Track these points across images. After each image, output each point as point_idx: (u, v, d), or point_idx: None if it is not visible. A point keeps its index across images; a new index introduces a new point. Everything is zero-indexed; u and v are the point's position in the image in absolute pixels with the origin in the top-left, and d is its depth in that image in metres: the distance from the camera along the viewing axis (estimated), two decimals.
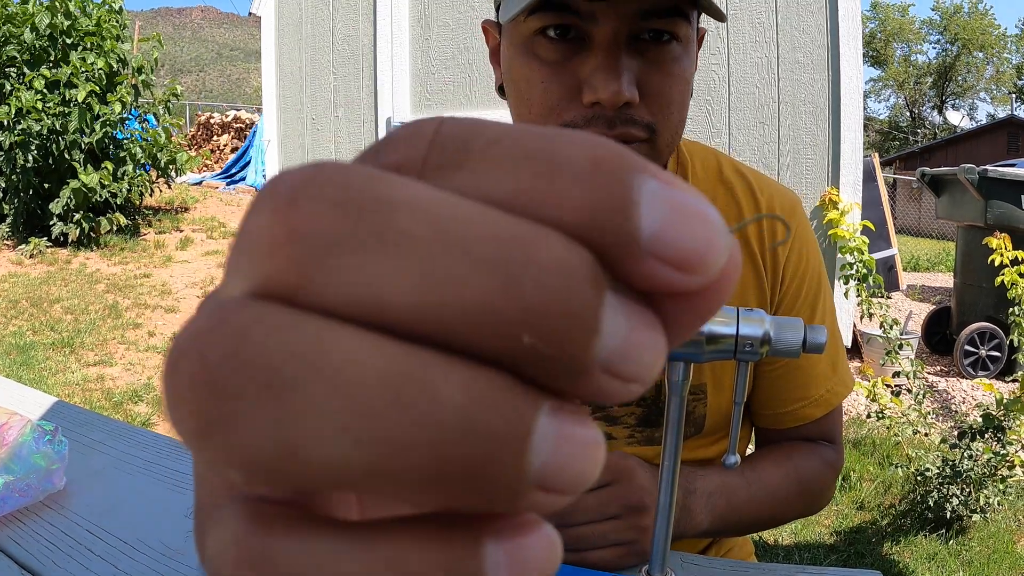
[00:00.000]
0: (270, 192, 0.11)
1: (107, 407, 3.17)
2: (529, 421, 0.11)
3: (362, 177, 0.11)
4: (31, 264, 5.47)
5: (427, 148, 0.12)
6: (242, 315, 0.11)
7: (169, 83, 6.41)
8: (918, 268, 9.13)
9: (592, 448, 0.12)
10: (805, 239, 0.77)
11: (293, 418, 0.10)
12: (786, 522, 0.78)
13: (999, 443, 2.20)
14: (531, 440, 0.11)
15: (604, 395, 0.12)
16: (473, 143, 0.12)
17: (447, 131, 0.12)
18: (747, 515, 0.71)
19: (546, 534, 0.12)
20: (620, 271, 0.12)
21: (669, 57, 0.61)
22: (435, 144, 0.12)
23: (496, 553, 0.12)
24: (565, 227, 0.12)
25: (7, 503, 0.64)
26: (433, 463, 0.11)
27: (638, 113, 0.60)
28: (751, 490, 0.71)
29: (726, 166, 0.79)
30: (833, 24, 3.15)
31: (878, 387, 2.57)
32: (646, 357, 0.12)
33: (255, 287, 0.11)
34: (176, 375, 0.11)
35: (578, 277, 0.11)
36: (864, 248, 3.14)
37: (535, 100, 0.62)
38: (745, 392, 0.41)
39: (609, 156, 0.12)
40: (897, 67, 34.91)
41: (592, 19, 0.58)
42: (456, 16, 3.81)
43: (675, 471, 0.43)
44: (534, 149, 0.12)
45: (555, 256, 0.11)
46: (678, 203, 0.12)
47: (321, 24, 4.22)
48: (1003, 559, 2.14)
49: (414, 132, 0.13)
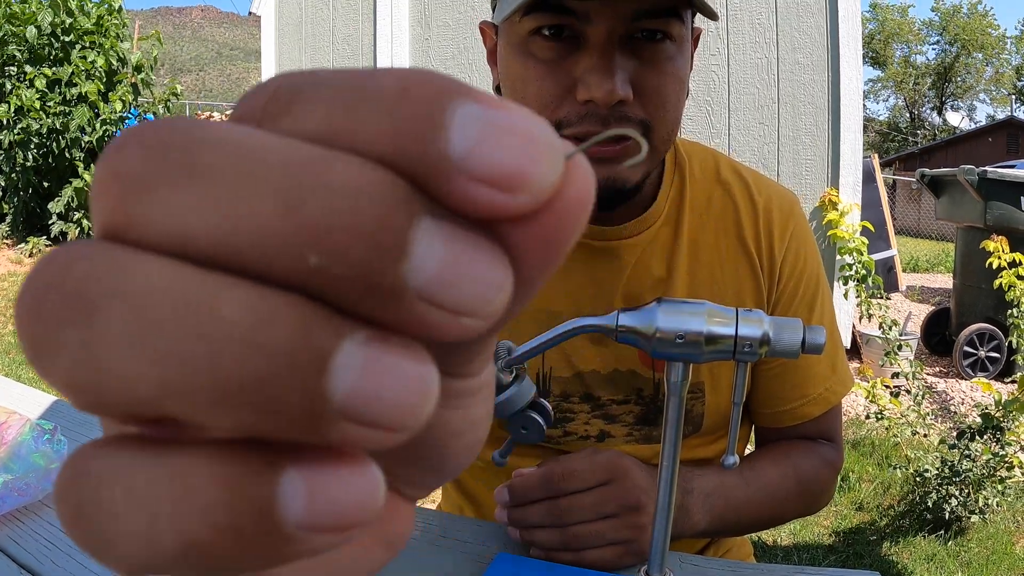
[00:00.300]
0: (108, 145, 0.12)
1: None
2: (327, 345, 0.11)
3: (181, 124, 0.12)
4: (31, 263, 5.47)
5: (266, 99, 0.13)
6: (72, 252, 0.12)
7: (169, 82, 6.41)
8: (917, 269, 9.14)
9: (413, 383, 0.12)
10: (803, 239, 0.77)
11: (98, 339, 0.11)
12: (786, 521, 0.78)
13: (998, 444, 2.20)
14: (330, 365, 0.11)
15: (431, 327, 0.12)
16: (303, 89, 0.13)
17: (285, 82, 0.13)
18: (746, 515, 0.70)
19: (365, 472, 0.12)
20: (438, 194, 0.12)
21: (663, 56, 0.62)
22: (273, 95, 0.13)
23: (294, 481, 0.11)
24: (372, 154, 0.12)
25: (6, 502, 0.64)
26: (217, 379, 0.11)
27: (632, 111, 0.61)
28: (749, 490, 0.71)
29: (724, 166, 0.79)
30: (833, 25, 3.15)
31: (877, 388, 2.57)
32: (476, 288, 0.12)
33: (98, 229, 0.12)
34: (17, 307, 0.12)
35: (374, 198, 0.11)
36: (863, 249, 3.14)
37: (530, 97, 0.63)
38: (744, 392, 0.41)
39: (419, 82, 0.12)
40: (897, 68, 34.93)
41: (586, 19, 0.59)
42: (456, 16, 3.81)
43: (674, 471, 0.43)
44: (351, 86, 0.12)
45: (344, 178, 0.11)
46: (496, 121, 0.12)
47: (321, 24, 4.22)
48: (1002, 560, 2.14)
49: (259, 88, 0.13)
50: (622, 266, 0.74)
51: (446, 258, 0.11)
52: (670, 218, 0.76)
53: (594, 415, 0.74)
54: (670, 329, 0.39)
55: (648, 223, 0.75)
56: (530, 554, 0.59)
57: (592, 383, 0.74)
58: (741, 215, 0.76)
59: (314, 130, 0.12)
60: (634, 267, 0.74)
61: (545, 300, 0.75)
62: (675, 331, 0.39)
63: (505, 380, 0.43)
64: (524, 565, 0.57)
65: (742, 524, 0.72)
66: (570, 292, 0.75)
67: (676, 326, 0.39)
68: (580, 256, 0.75)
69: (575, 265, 0.75)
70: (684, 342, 0.39)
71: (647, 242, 0.75)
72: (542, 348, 0.42)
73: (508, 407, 0.44)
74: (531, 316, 0.75)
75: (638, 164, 0.64)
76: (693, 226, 0.76)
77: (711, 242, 0.75)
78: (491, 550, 0.60)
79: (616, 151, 0.62)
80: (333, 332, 0.11)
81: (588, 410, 0.75)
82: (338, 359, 0.11)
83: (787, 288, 0.76)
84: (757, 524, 0.75)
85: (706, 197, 0.77)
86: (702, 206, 0.77)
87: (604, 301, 0.74)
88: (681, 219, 0.75)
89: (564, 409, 0.74)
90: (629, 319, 0.40)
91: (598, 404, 0.74)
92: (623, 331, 0.40)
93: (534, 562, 0.58)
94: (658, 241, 0.75)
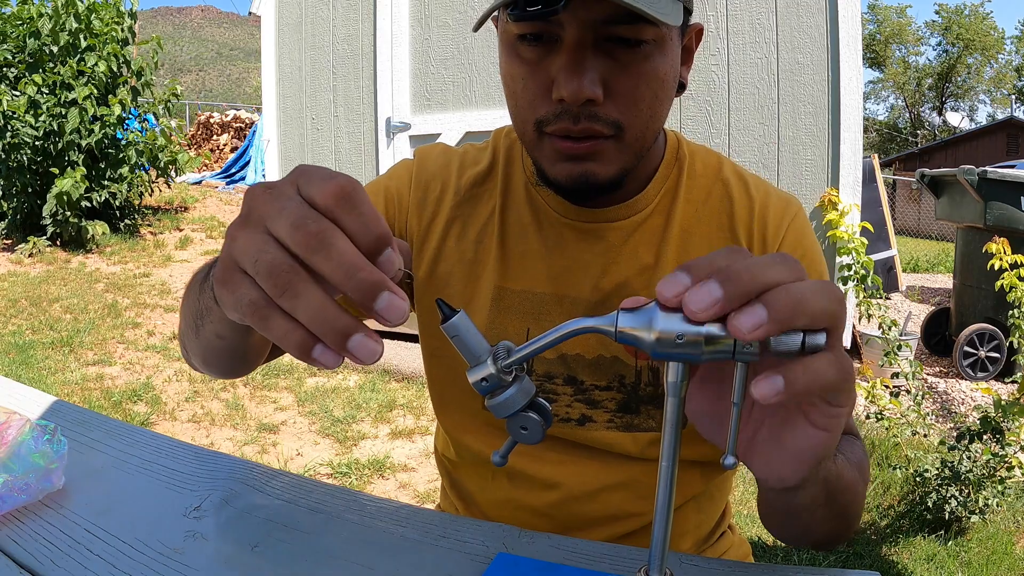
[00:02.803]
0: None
1: (106, 406, 3.17)
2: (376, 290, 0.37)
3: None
4: (30, 263, 5.47)
5: None
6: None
7: (169, 83, 6.41)
8: (917, 269, 9.14)
9: (401, 309, 0.38)
10: (801, 236, 0.76)
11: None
12: (859, 510, 0.63)
13: (998, 444, 2.20)
14: (376, 298, 0.37)
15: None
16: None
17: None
18: (847, 481, 0.58)
19: (377, 342, 0.38)
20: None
21: (639, 57, 0.63)
22: None
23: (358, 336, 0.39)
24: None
25: (6, 502, 0.64)
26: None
27: (603, 111, 0.63)
28: (845, 463, 0.59)
29: (726, 167, 0.79)
30: (833, 25, 3.15)
31: (877, 388, 2.57)
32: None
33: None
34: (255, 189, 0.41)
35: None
36: (862, 249, 3.15)
37: (518, 95, 0.67)
38: (744, 394, 0.41)
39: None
40: (896, 68, 34.91)
41: (560, 24, 0.62)
42: (456, 16, 3.81)
43: (674, 471, 0.43)
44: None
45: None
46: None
47: (321, 24, 4.22)
48: (1002, 560, 2.14)
49: None
50: (607, 248, 0.74)
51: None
52: (662, 207, 0.76)
53: (576, 398, 0.74)
54: (670, 329, 0.39)
55: (636, 208, 0.75)
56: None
57: (576, 367, 0.74)
58: (736, 208, 0.76)
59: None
60: (620, 252, 0.74)
61: (528, 282, 0.75)
62: (675, 331, 0.39)
63: (505, 380, 0.43)
64: (524, 565, 0.57)
65: (844, 489, 0.57)
66: (554, 275, 0.75)
67: (676, 326, 0.39)
68: (565, 237, 0.75)
69: (559, 247, 0.75)
70: (683, 342, 0.39)
71: (634, 227, 0.75)
72: (542, 348, 0.42)
73: (507, 407, 0.44)
74: (514, 298, 0.76)
75: (608, 160, 0.66)
76: (687, 217, 0.76)
77: (703, 233, 0.75)
78: (491, 550, 0.61)
79: (585, 148, 0.65)
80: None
81: (571, 393, 0.74)
82: (380, 299, 0.36)
83: None
84: (851, 493, 0.59)
85: (705, 192, 0.77)
86: (699, 199, 0.76)
87: (588, 284, 0.74)
88: (674, 209, 0.75)
89: (547, 390, 0.75)
90: (629, 320, 0.40)
91: (581, 388, 0.74)
92: (623, 333, 0.40)
93: (535, 562, 0.58)
94: (647, 228, 0.75)
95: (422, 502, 2.50)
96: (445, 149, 0.84)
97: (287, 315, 0.37)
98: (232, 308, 0.39)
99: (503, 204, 0.78)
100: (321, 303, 0.37)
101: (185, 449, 0.78)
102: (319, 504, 0.67)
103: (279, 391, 3.47)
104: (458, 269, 0.78)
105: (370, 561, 0.58)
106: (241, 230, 0.39)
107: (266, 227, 0.38)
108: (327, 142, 4.28)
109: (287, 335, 0.37)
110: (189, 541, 0.60)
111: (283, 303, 0.37)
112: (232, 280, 0.39)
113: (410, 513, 0.66)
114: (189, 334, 0.65)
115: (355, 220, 0.37)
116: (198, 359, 0.69)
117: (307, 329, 0.37)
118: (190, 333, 0.64)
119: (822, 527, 0.59)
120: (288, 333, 0.37)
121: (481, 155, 0.82)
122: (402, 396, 3.41)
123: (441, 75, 3.88)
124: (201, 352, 0.66)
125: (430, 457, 2.82)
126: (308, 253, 0.36)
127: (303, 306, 0.37)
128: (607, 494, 0.76)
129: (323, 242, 0.36)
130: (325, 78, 4.23)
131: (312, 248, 0.36)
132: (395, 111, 4.00)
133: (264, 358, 0.72)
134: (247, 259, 0.38)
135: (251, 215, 0.39)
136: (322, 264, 0.36)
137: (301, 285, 0.37)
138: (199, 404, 3.28)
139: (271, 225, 0.38)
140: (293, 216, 0.37)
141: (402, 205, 0.80)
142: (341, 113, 4.21)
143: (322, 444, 2.93)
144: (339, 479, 2.64)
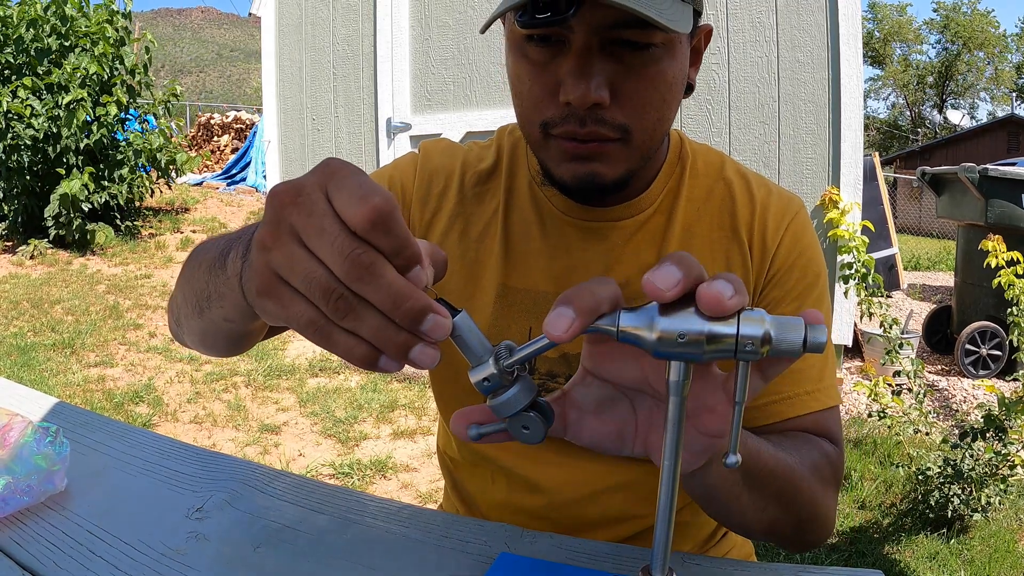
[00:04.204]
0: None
1: (108, 408, 3.18)
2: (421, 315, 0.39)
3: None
4: (31, 265, 5.47)
5: None
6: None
7: (169, 84, 6.41)
8: (919, 267, 9.13)
9: (442, 328, 0.40)
10: (801, 234, 0.75)
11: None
12: (806, 498, 0.64)
13: (1000, 443, 2.20)
14: (423, 321, 0.39)
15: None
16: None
17: None
18: (770, 463, 0.59)
19: (435, 350, 0.40)
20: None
21: (647, 60, 0.63)
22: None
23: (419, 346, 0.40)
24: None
25: (8, 504, 0.64)
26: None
27: (609, 114, 0.63)
28: (766, 445, 0.60)
29: (729, 166, 0.79)
30: (833, 23, 3.15)
31: (879, 386, 2.56)
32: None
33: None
34: (278, 189, 0.39)
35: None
36: (863, 247, 3.14)
37: (524, 95, 0.67)
38: (745, 392, 0.41)
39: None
40: (896, 66, 34.88)
41: (568, 26, 0.61)
42: (456, 16, 3.81)
43: (675, 471, 0.43)
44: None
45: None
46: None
47: (321, 24, 4.22)
48: (1004, 558, 2.14)
49: None
50: (610, 247, 0.74)
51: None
52: (664, 207, 0.76)
53: (549, 389, 0.74)
54: (672, 329, 0.39)
55: (639, 208, 0.75)
56: None
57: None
58: (738, 206, 0.75)
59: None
60: (623, 251, 0.74)
61: (531, 281, 0.75)
62: (676, 331, 0.39)
63: (505, 380, 0.43)
64: (526, 565, 0.57)
65: (769, 472, 0.59)
66: (556, 274, 0.75)
67: (677, 326, 0.39)
68: (568, 237, 0.75)
69: (562, 246, 0.75)
70: (685, 341, 0.39)
71: (637, 227, 0.75)
72: (543, 348, 0.42)
73: (509, 407, 0.44)
74: (517, 296, 0.75)
75: (614, 162, 0.66)
76: (688, 216, 0.75)
77: (705, 232, 0.75)
78: (493, 550, 0.60)
79: (591, 148, 0.65)
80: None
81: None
82: (426, 321, 0.38)
83: (776, 277, 0.73)
84: (785, 481, 0.61)
85: (706, 190, 0.77)
86: (701, 198, 0.76)
87: None
88: (676, 209, 0.75)
89: (550, 388, 0.74)
90: (630, 320, 0.40)
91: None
92: (625, 332, 0.40)
93: (536, 562, 0.58)
94: (649, 228, 0.75)
95: (424, 502, 2.50)
96: (450, 144, 0.84)
97: (348, 332, 0.39)
98: (282, 320, 0.40)
99: (507, 203, 0.78)
100: (381, 323, 0.38)
101: (187, 450, 0.78)
102: (321, 505, 0.67)
103: (281, 392, 3.47)
104: (459, 267, 0.78)
105: (372, 561, 0.58)
106: (274, 240, 0.38)
107: (303, 242, 0.38)
108: (327, 143, 4.28)
109: (351, 350, 0.39)
110: (191, 542, 0.60)
111: (345, 324, 0.38)
112: (278, 294, 0.39)
113: (412, 513, 0.66)
114: (189, 313, 0.63)
115: (392, 243, 0.37)
116: (194, 337, 0.66)
117: (370, 343, 0.39)
118: (190, 312, 0.62)
119: (758, 515, 0.60)
120: (352, 348, 0.39)
121: (485, 152, 0.82)
122: (404, 396, 3.41)
123: (441, 75, 3.87)
124: (200, 332, 0.63)
125: (432, 457, 2.82)
126: (358, 284, 0.37)
127: (365, 327, 0.38)
128: (608, 496, 0.76)
129: (372, 274, 0.37)
130: (325, 79, 4.23)
131: (362, 280, 0.37)
132: (395, 111, 4.00)
133: (262, 338, 0.69)
134: (294, 277, 0.38)
135: (281, 224, 0.38)
136: (372, 294, 0.37)
137: (360, 308, 0.38)
138: (201, 405, 3.28)
139: (311, 243, 0.37)
140: (337, 244, 0.37)
141: (405, 197, 0.80)
142: (341, 114, 4.21)
143: (324, 445, 2.93)
144: (341, 480, 2.64)
